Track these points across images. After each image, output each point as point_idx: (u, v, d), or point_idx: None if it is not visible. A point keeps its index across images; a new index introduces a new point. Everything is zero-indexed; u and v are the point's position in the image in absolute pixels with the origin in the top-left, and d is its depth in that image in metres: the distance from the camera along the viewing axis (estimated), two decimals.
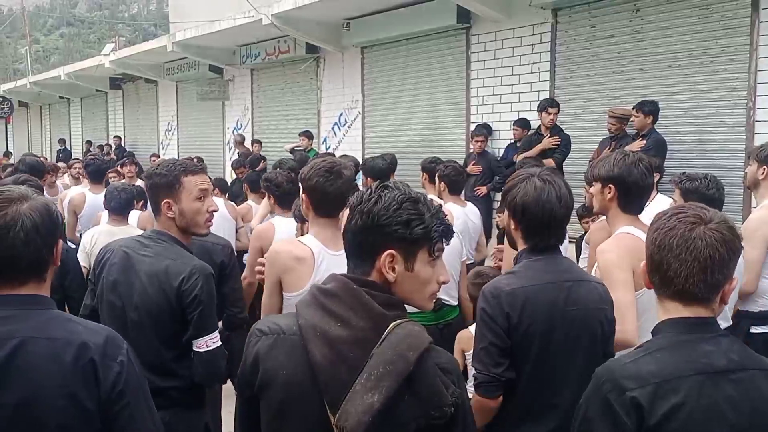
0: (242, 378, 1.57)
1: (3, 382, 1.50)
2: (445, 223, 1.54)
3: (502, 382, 2.12)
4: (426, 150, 9.32)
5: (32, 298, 1.59)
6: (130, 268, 2.52)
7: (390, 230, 1.49)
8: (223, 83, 14.00)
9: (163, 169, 2.63)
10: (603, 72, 7.53)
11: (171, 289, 2.47)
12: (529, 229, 2.23)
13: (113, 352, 1.60)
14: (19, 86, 21.68)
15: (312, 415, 1.45)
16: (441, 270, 1.57)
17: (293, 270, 2.61)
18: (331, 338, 1.43)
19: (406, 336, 1.43)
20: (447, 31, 9.19)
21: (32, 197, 1.61)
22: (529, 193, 2.20)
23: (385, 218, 1.49)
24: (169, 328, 2.49)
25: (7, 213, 1.55)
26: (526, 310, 2.11)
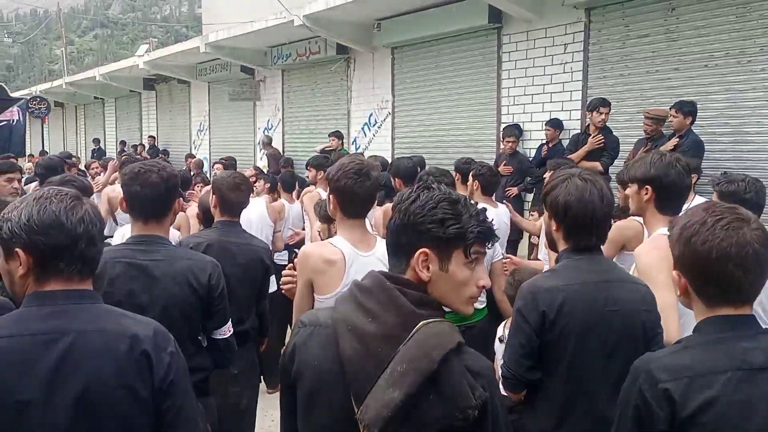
0: (282, 367, 1.63)
1: (62, 376, 1.53)
2: (486, 225, 1.53)
3: (523, 381, 2.19)
4: (456, 150, 9.31)
5: (83, 293, 1.63)
6: (142, 276, 2.49)
7: (424, 229, 1.50)
8: (255, 84, 14.12)
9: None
10: (637, 72, 7.44)
11: (201, 286, 2.53)
12: (571, 229, 2.23)
13: (163, 343, 1.65)
14: (55, 87, 22.11)
15: (339, 406, 1.48)
16: (480, 273, 1.56)
17: (324, 272, 2.62)
18: (361, 332, 1.46)
19: (433, 335, 1.44)
20: (478, 31, 9.16)
21: (86, 199, 1.66)
22: (572, 192, 2.19)
23: (420, 216, 1.50)
24: (197, 322, 2.56)
25: (87, 210, 1.61)
26: (563, 308, 2.11)
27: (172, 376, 1.63)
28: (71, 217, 1.58)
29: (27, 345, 1.53)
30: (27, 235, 1.56)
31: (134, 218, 2.59)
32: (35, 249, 1.57)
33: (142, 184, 2.52)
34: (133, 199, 2.55)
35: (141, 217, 2.57)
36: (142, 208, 2.55)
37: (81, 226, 1.59)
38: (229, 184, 3.40)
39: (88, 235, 1.60)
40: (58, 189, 1.65)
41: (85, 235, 1.59)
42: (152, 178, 2.54)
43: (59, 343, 1.54)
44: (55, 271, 1.59)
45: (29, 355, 1.52)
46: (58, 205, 1.58)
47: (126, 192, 2.57)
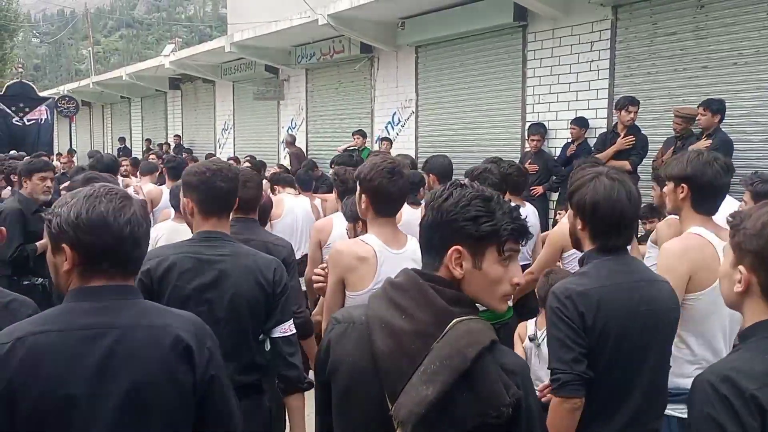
0: (317, 363, 1.64)
1: (110, 371, 1.54)
2: (519, 222, 1.53)
3: (585, 379, 2.09)
4: (480, 149, 9.29)
5: (126, 289, 1.65)
6: (211, 271, 2.49)
7: (457, 226, 1.49)
8: (279, 83, 14.20)
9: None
10: (664, 70, 7.36)
11: (267, 281, 2.54)
12: (598, 229, 2.21)
13: (203, 337, 1.67)
14: (83, 86, 22.39)
15: (373, 403, 1.49)
16: (514, 271, 1.55)
17: (356, 270, 2.64)
18: (394, 330, 1.46)
19: (466, 333, 1.43)
20: (503, 30, 9.12)
21: (135, 199, 1.68)
22: (599, 191, 2.17)
23: (453, 214, 1.50)
24: (262, 318, 2.56)
25: (134, 212, 1.62)
26: (600, 311, 2.09)
27: (212, 370, 1.65)
28: (119, 218, 1.59)
29: (74, 340, 1.55)
30: (74, 232, 1.57)
31: (206, 215, 2.58)
32: (81, 247, 1.58)
33: (224, 179, 2.56)
34: (213, 196, 2.56)
35: (208, 215, 2.58)
36: (211, 206, 2.57)
37: (127, 227, 1.59)
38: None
39: (133, 236, 1.61)
40: (110, 188, 1.66)
41: (130, 236, 1.60)
42: (230, 174, 2.58)
43: (106, 338, 1.56)
44: (99, 269, 1.61)
45: (76, 350, 1.54)
46: (107, 205, 1.59)
47: (206, 189, 2.56)
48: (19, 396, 1.50)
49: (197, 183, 2.57)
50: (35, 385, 1.50)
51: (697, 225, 2.57)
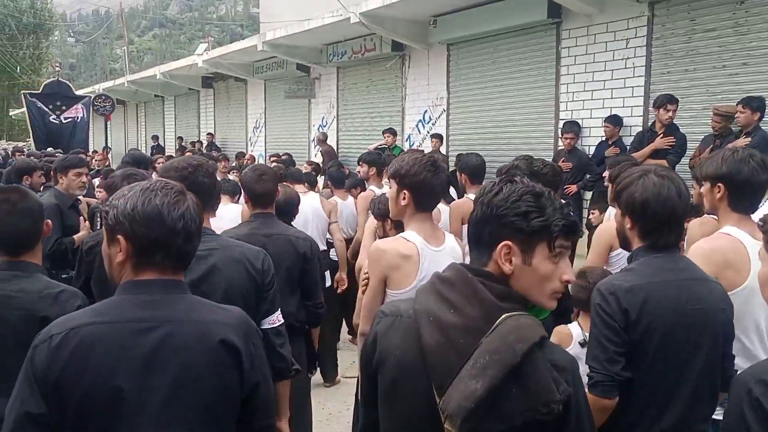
0: (364, 355, 1.65)
1: (158, 365, 1.56)
2: (570, 219, 1.51)
3: (619, 381, 2.06)
4: (512, 147, 9.22)
5: (176, 283, 1.67)
6: (201, 265, 2.51)
7: (507, 221, 1.48)
8: (310, 81, 14.26)
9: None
10: (703, 67, 7.23)
11: (257, 272, 2.58)
12: (649, 227, 2.17)
13: (249, 334, 1.69)
14: (117, 85, 22.75)
15: (420, 396, 1.49)
16: (565, 268, 1.53)
17: (399, 267, 2.64)
18: (443, 324, 1.46)
19: (516, 328, 1.42)
20: (536, 27, 9.04)
21: (189, 195, 1.70)
22: (649, 189, 2.14)
23: (503, 209, 1.49)
24: (254, 309, 2.57)
25: (188, 206, 1.65)
26: (646, 307, 2.06)
27: (258, 365, 1.67)
28: (173, 212, 1.61)
29: (123, 332, 1.57)
30: (129, 224, 1.60)
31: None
32: (135, 239, 1.61)
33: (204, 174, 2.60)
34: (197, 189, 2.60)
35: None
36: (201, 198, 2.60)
37: (181, 221, 1.61)
38: (252, 177, 3.45)
39: (186, 231, 1.63)
40: (165, 182, 1.69)
41: (183, 231, 1.62)
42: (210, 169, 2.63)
43: (155, 331, 1.58)
44: (151, 262, 1.63)
45: (126, 342, 1.56)
46: (163, 199, 1.61)
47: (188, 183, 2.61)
48: (70, 385, 1.53)
49: (179, 180, 2.58)
50: (85, 376, 1.53)
51: (732, 224, 2.51)
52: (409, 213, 2.72)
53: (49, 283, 2.41)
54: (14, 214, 2.41)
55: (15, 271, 2.39)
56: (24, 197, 2.49)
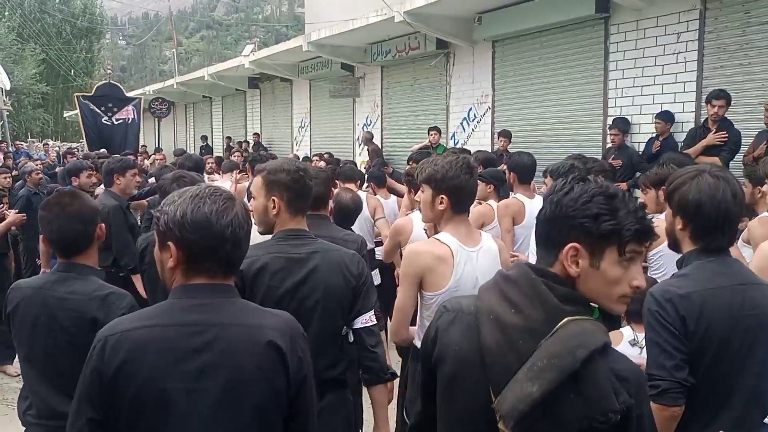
0: (423, 349, 1.65)
1: (207, 368, 1.59)
2: (644, 223, 1.45)
3: (687, 387, 2.01)
4: (559, 145, 9.09)
5: (226, 288, 1.69)
6: (301, 269, 2.53)
7: (576, 223, 1.43)
8: (354, 81, 14.31)
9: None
10: (758, 61, 6.99)
11: (353, 275, 2.59)
12: (702, 229, 2.11)
13: (296, 338, 1.70)
14: (167, 86, 23.22)
15: (477, 394, 1.48)
16: (635, 273, 1.46)
17: (434, 270, 2.64)
18: (504, 324, 1.45)
19: (579, 333, 1.39)
20: (584, 22, 8.88)
21: (234, 196, 1.72)
22: (703, 190, 2.08)
23: (572, 210, 1.44)
24: (348, 311, 2.61)
25: (237, 214, 1.66)
26: (703, 315, 2.01)
27: (304, 371, 1.68)
28: (221, 219, 1.63)
29: (173, 335, 1.60)
30: (179, 231, 1.62)
31: (294, 214, 2.62)
32: (185, 245, 1.63)
33: (308, 181, 2.61)
34: (303, 196, 2.61)
35: (295, 214, 2.61)
36: (300, 205, 2.61)
37: (229, 228, 1.63)
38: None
39: (234, 238, 1.64)
40: (215, 188, 1.70)
41: (231, 237, 1.64)
42: (310, 177, 2.63)
43: (204, 335, 1.60)
44: (201, 268, 1.66)
45: (176, 345, 1.59)
46: (211, 206, 1.63)
47: (298, 189, 2.60)
48: (123, 387, 1.57)
49: (290, 182, 2.59)
50: (137, 377, 1.57)
51: None
52: (446, 216, 2.72)
53: (100, 285, 2.48)
54: (63, 218, 2.49)
55: (69, 273, 2.47)
56: (74, 201, 2.55)
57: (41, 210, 2.56)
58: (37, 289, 2.45)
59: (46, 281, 2.48)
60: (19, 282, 2.53)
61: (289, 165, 2.67)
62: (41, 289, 2.44)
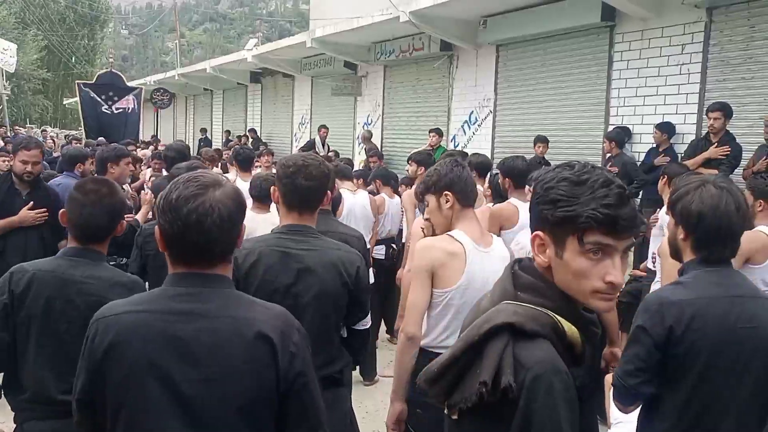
0: None
1: (192, 357, 1.57)
2: (612, 212, 1.31)
3: (633, 394, 2.12)
4: (559, 152, 9.09)
5: (218, 278, 1.66)
6: (296, 265, 2.53)
7: (538, 210, 1.40)
8: (357, 79, 14.29)
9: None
10: (761, 75, 7.01)
11: (350, 276, 2.59)
12: (703, 240, 2.11)
13: (289, 332, 1.65)
14: (168, 77, 23.17)
15: None
16: (609, 268, 1.34)
17: (445, 265, 2.64)
18: (477, 307, 1.53)
19: (497, 311, 1.40)
20: (589, 30, 8.89)
21: (224, 183, 1.67)
22: (705, 201, 2.08)
23: (537, 197, 1.41)
24: (343, 312, 2.63)
25: (205, 200, 1.60)
26: (693, 324, 2.01)
27: (298, 367, 1.63)
28: (187, 205, 1.59)
29: (159, 322, 1.59)
30: (159, 215, 1.63)
31: (289, 208, 2.62)
32: (160, 230, 1.64)
33: (307, 176, 2.58)
34: (294, 191, 2.59)
35: (298, 208, 2.61)
36: (301, 199, 2.60)
37: (193, 215, 1.58)
38: None
39: (199, 225, 1.59)
40: (197, 174, 1.67)
41: (195, 225, 1.58)
42: (314, 171, 2.60)
43: (190, 324, 1.59)
44: (173, 254, 1.65)
45: (160, 332, 1.58)
46: (182, 191, 1.60)
47: (288, 183, 2.60)
48: (110, 371, 1.59)
49: (281, 176, 2.63)
50: (124, 360, 1.58)
51: None
52: (455, 213, 2.73)
53: (116, 271, 2.49)
54: (97, 206, 2.47)
55: (83, 258, 2.45)
56: (112, 193, 2.54)
57: (75, 191, 2.52)
58: (49, 272, 2.39)
59: (59, 265, 2.43)
60: (23, 265, 2.46)
61: (289, 160, 2.67)
62: (54, 273, 2.39)
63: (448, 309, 2.66)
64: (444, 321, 2.68)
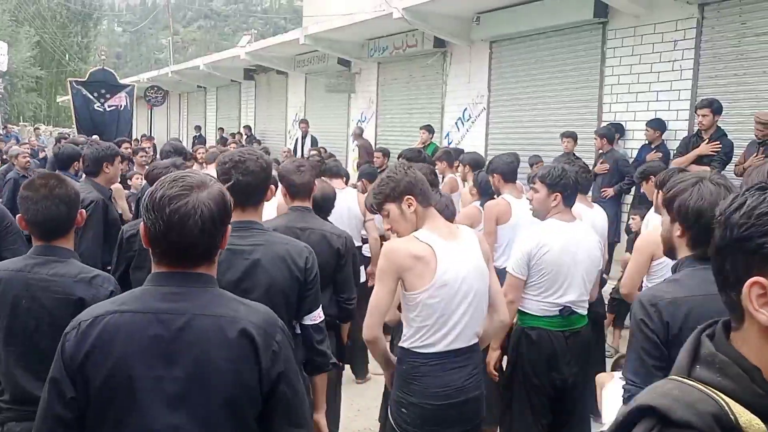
0: None
1: (174, 356, 1.58)
2: None
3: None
4: (552, 148, 9.08)
5: (201, 277, 1.67)
6: (243, 260, 2.50)
7: (754, 245, 0.98)
8: (351, 76, 14.27)
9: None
10: (753, 72, 7.03)
11: (299, 269, 2.55)
12: (701, 236, 2.10)
13: (272, 330, 1.66)
14: (161, 75, 23.10)
15: None
16: None
17: (412, 269, 2.63)
18: None
19: (649, 388, 1.11)
20: (582, 26, 8.91)
21: (210, 184, 1.66)
22: (705, 197, 2.08)
23: (746, 228, 0.99)
24: (294, 306, 2.59)
25: (188, 201, 1.59)
26: (688, 321, 2.00)
27: (280, 365, 1.64)
28: (170, 205, 1.59)
29: (144, 322, 1.60)
30: (144, 215, 1.63)
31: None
32: (146, 230, 1.63)
33: (244, 172, 2.56)
34: (232, 187, 2.58)
35: (239, 204, 2.59)
36: (241, 194, 2.56)
37: (176, 216, 1.58)
38: (290, 169, 3.45)
39: (181, 226, 1.59)
40: (182, 174, 1.67)
41: (177, 226, 1.59)
42: (252, 166, 2.57)
43: (173, 323, 1.59)
44: (156, 253, 1.65)
45: (144, 332, 1.58)
46: (166, 191, 1.60)
47: (225, 179, 2.57)
48: (93, 372, 1.58)
49: (219, 173, 2.59)
50: (106, 363, 1.57)
51: None
52: (419, 215, 2.73)
53: (83, 268, 2.47)
54: (50, 199, 2.44)
55: (50, 256, 2.44)
56: (61, 184, 2.52)
57: (25, 190, 2.49)
58: (16, 272, 2.39)
59: (25, 264, 2.42)
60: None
61: (225, 156, 2.65)
62: (21, 272, 2.38)
63: (426, 309, 2.66)
64: (426, 321, 2.68)
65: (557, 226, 3.46)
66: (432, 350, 2.69)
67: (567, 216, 3.52)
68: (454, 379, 2.70)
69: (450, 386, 2.69)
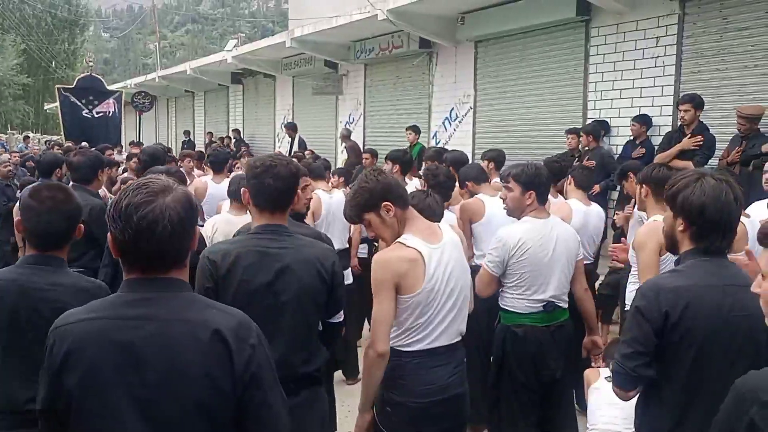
0: None
1: (145, 361, 1.57)
2: None
3: (635, 377, 2.15)
4: (538, 146, 9.15)
5: (172, 282, 1.66)
6: (275, 264, 2.54)
7: None
8: (338, 78, 14.28)
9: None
10: (735, 66, 7.09)
11: (327, 272, 2.63)
12: (703, 231, 2.16)
13: (245, 334, 1.64)
14: (149, 80, 23.02)
15: None
16: None
17: (409, 273, 2.66)
18: None
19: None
20: (565, 24, 8.95)
21: (174, 188, 1.65)
22: (707, 192, 2.13)
23: None
24: (322, 307, 2.67)
25: (155, 207, 1.58)
26: (688, 310, 2.07)
27: (253, 368, 1.62)
28: (137, 212, 1.58)
29: (114, 328, 1.60)
30: (110, 223, 1.62)
31: (260, 209, 2.64)
32: (113, 237, 1.63)
33: (275, 177, 2.59)
34: (263, 191, 2.61)
35: (269, 208, 2.63)
36: (272, 199, 2.61)
37: (144, 222, 1.57)
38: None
39: (150, 233, 1.58)
40: (148, 180, 1.66)
41: (146, 232, 1.58)
42: (282, 171, 2.62)
43: (144, 329, 1.59)
44: (126, 261, 1.65)
45: (115, 338, 1.59)
46: (132, 198, 1.60)
47: (256, 183, 2.62)
48: (67, 378, 1.60)
49: (249, 177, 2.65)
50: (79, 367, 1.59)
51: None
52: (399, 219, 2.74)
53: (79, 277, 2.49)
54: (54, 213, 2.45)
55: (44, 266, 2.44)
56: (68, 198, 2.53)
57: (30, 198, 2.49)
58: (11, 281, 2.39)
59: (20, 273, 2.42)
60: None
61: (257, 161, 2.69)
62: (16, 281, 2.38)
63: (413, 309, 2.69)
64: (417, 320, 2.70)
65: (533, 224, 3.52)
66: (416, 348, 2.71)
67: (542, 214, 3.58)
68: (439, 377, 2.72)
69: (434, 384, 2.71)
